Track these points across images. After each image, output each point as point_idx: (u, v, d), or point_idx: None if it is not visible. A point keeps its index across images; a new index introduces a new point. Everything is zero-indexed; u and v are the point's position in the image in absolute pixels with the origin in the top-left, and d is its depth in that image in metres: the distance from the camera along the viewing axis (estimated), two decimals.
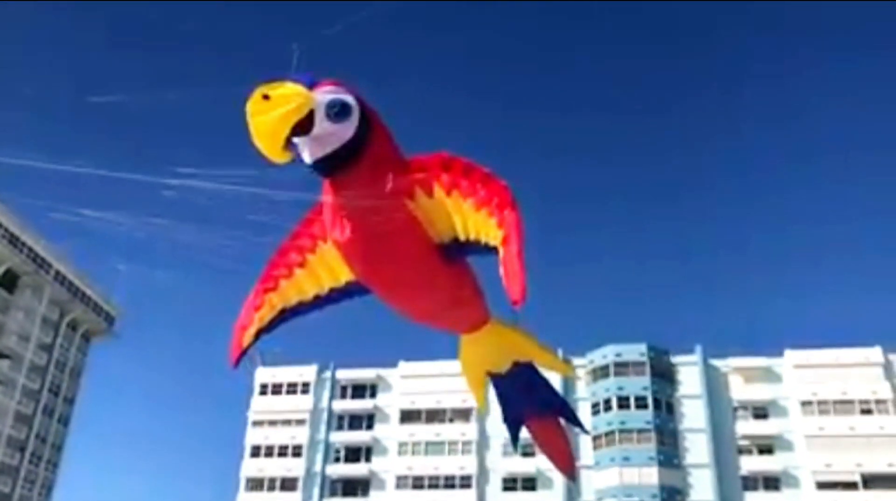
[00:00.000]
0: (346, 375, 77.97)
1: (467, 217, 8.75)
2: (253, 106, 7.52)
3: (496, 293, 10.19)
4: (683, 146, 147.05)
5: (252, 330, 10.32)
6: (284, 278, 10.09)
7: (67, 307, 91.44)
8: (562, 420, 12.92)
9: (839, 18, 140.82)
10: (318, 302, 10.34)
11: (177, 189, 8.09)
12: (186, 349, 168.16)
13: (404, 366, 76.75)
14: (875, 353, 68.87)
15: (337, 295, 10.29)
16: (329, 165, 8.35)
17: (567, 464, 13.36)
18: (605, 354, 70.85)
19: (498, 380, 11.83)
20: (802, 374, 68.94)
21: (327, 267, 9.99)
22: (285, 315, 10.40)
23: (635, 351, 70.32)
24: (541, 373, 12.08)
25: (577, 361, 72.32)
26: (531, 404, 12.26)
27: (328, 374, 77.92)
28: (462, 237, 9.01)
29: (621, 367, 69.77)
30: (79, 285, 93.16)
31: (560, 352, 72.00)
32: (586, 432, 12.31)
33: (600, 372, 70.38)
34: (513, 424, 12.66)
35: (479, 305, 10.47)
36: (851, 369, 68.20)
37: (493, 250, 8.69)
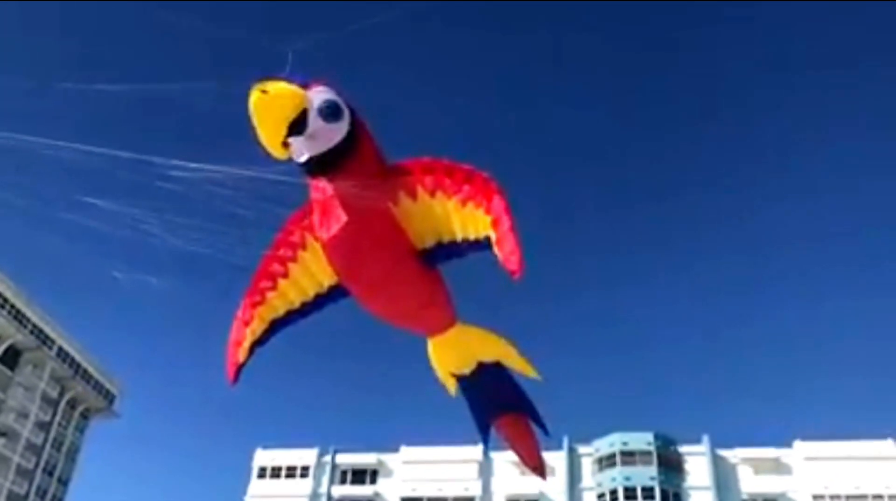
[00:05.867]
0: (346, 459, 76.41)
1: (453, 215, 9.12)
2: (253, 103, 7.98)
3: (463, 301, 11.01)
4: (690, 224, 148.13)
5: (246, 345, 10.49)
6: (270, 290, 10.37)
7: (68, 384, 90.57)
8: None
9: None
10: (306, 308, 10.64)
11: (174, 180, 8.40)
12: (184, 428, 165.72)
13: (406, 451, 75.25)
14: (888, 446, 67.46)
15: (322, 301, 10.60)
16: (320, 164, 8.75)
17: (535, 460, 13.53)
18: (612, 442, 69.45)
19: (465, 381, 12.13)
20: (813, 466, 67.35)
21: (310, 275, 10.31)
22: (276, 325, 10.65)
23: (642, 441, 68.95)
24: (508, 373, 12.26)
25: (582, 449, 70.92)
26: (498, 403, 12.50)
27: (328, 458, 76.35)
28: (446, 239, 9.43)
29: (628, 456, 68.31)
30: (81, 361, 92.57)
31: (565, 440, 71.01)
32: (548, 434, 12.65)
33: (606, 462, 68.89)
34: (481, 425, 12.88)
35: (449, 308, 10.87)
36: (864, 462, 66.67)
37: (478, 247, 9.14)
